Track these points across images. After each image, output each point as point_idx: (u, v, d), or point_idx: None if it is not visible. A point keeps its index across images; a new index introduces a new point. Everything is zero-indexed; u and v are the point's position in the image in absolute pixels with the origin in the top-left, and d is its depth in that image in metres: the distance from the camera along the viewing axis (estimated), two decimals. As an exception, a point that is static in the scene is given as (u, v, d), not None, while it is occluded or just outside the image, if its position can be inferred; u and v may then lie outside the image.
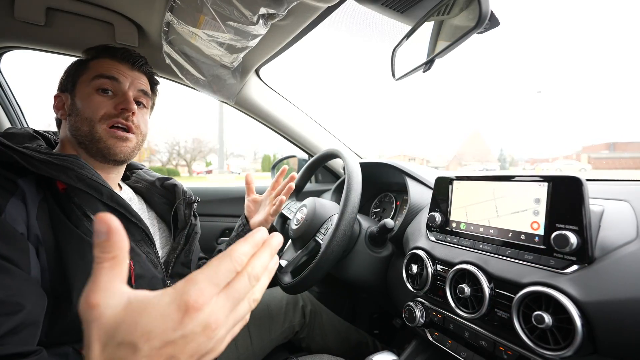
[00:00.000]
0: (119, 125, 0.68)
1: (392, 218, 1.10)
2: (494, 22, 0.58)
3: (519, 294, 0.49)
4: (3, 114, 1.21)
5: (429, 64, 0.69)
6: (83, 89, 0.69)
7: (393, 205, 1.12)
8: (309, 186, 1.46)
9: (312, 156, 1.30)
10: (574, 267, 0.47)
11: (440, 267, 0.66)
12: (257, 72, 1.17)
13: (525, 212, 0.55)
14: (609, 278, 0.44)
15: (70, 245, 0.55)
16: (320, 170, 1.55)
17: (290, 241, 1.00)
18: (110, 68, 0.70)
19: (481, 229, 0.61)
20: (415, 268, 0.70)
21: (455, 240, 0.66)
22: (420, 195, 0.88)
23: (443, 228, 0.69)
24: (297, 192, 1.10)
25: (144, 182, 0.85)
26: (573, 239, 0.47)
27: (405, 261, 0.73)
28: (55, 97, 0.72)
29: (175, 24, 0.78)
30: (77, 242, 0.55)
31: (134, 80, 0.73)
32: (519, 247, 0.55)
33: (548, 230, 0.51)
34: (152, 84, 0.80)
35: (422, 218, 0.79)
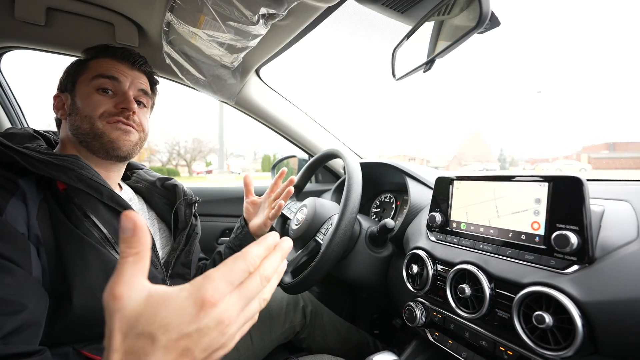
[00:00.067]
0: (120, 122, 0.68)
1: (392, 218, 1.10)
2: (495, 22, 0.58)
3: (519, 294, 0.49)
4: (3, 114, 1.21)
5: (429, 64, 0.69)
6: (83, 89, 0.68)
7: (393, 206, 1.12)
8: (309, 186, 1.46)
9: (312, 156, 1.29)
10: (575, 267, 0.47)
11: (440, 267, 0.66)
12: (257, 72, 1.17)
13: (526, 212, 0.55)
14: (610, 278, 0.44)
15: (70, 245, 0.55)
16: (320, 170, 1.55)
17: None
18: (110, 68, 0.70)
19: (481, 229, 0.61)
20: (415, 268, 0.70)
21: (455, 240, 0.66)
22: (420, 195, 0.88)
23: (443, 228, 0.69)
24: (297, 192, 1.10)
25: (144, 182, 0.85)
26: (573, 239, 0.47)
27: (406, 261, 0.73)
28: (55, 97, 0.72)
29: (176, 24, 0.78)
30: (77, 242, 0.55)
31: (134, 80, 0.72)
32: (519, 247, 0.55)
33: (548, 230, 0.51)
34: (152, 83, 0.80)
35: (423, 218, 0.79)
